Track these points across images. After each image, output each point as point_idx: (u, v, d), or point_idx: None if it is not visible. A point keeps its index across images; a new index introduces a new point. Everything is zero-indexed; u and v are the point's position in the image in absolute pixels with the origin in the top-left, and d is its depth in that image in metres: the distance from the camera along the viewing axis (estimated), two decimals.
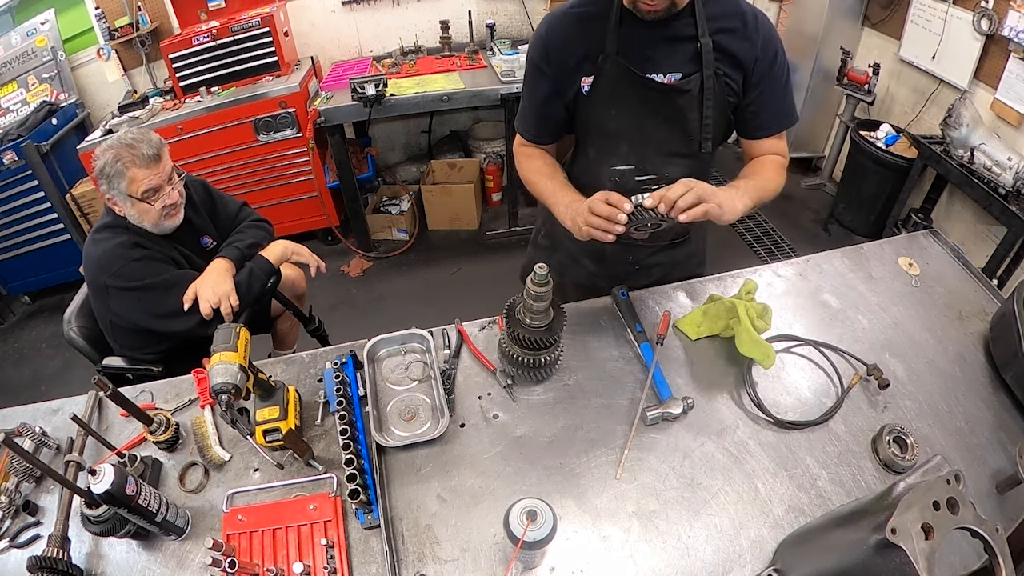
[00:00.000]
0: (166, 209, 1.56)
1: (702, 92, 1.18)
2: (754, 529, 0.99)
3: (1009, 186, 2.43)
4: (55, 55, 3.23)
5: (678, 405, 1.13)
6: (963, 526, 0.68)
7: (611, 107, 1.24)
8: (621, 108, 1.23)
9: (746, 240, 3.54)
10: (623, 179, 1.29)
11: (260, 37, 3.12)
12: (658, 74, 1.18)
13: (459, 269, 3.45)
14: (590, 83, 1.22)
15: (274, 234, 1.87)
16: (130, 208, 1.53)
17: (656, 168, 1.28)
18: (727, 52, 1.17)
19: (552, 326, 1.13)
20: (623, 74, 1.18)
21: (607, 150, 1.29)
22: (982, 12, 2.66)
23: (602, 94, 1.22)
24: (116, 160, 1.47)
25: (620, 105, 1.22)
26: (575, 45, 1.20)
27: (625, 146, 1.27)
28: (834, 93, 3.68)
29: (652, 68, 1.18)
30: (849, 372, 1.23)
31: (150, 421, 1.12)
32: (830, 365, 1.25)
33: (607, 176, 1.30)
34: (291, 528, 1.00)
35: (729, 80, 1.19)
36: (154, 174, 1.51)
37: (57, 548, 0.93)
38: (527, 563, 0.94)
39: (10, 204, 3.10)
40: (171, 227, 1.61)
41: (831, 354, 1.27)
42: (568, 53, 1.21)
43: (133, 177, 1.48)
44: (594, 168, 1.33)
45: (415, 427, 1.16)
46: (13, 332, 3.38)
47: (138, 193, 1.50)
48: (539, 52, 1.24)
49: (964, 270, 1.50)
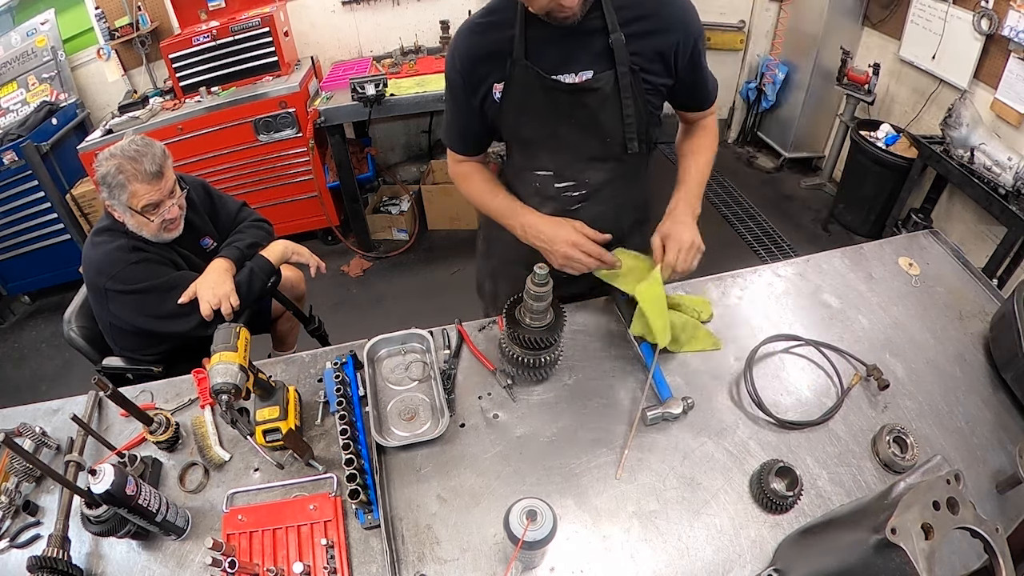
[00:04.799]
0: (165, 223, 1.56)
1: (618, 90, 1.13)
2: (754, 529, 0.99)
3: (1009, 186, 2.43)
4: (55, 55, 3.23)
5: (678, 405, 1.13)
6: (963, 526, 0.68)
7: (522, 114, 1.21)
8: (532, 114, 1.20)
9: (746, 240, 3.54)
10: (543, 185, 1.29)
11: (260, 37, 3.12)
12: (568, 74, 1.14)
13: (459, 269, 3.44)
14: (501, 90, 1.18)
15: (274, 234, 1.86)
16: (129, 219, 1.53)
17: (575, 174, 1.27)
18: (645, 46, 1.12)
19: (552, 326, 1.13)
20: (532, 78, 1.14)
21: (526, 156, 1.30)
22: (982, 12, 2.66)
23: (513, 101, 1.19)
24: (119, 172, 1.46)
25: (531, 111, 1.19)
26: (483, 55, 1.17)
27: (541, 153, 1.27)
28: (834, 93, 3.68)
29: (562, 68, 1.13)
30: (849, 372, 1.23)
31: (150, 421, 1.12)
32: (830, 365, 1.25)
33: (529, 182, 1.31)
34: (291, 528, 1.00)
35: (648, 75, 1.14)
36: (155, 189, 1.50)
37: (57, 548, 0.93)
38: (527, 563, 0.94)
39: (10, 204, 3.10)
40: (170, 238, 1.61)
41: (831, 354, 1.27)
42: (477, 63, 1.17)
43: (134, 192, 1.47)
44: (519, 173, 1.33)
45: (415, 427, 1.16)
46: (13, 332, 3.38)
47: (138, 207, 1.49)
48: (451, 65, 1.21)
49: (964, 270, 1.50)
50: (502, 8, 1.13)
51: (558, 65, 1.13)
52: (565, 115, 1.18)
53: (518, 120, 1.22)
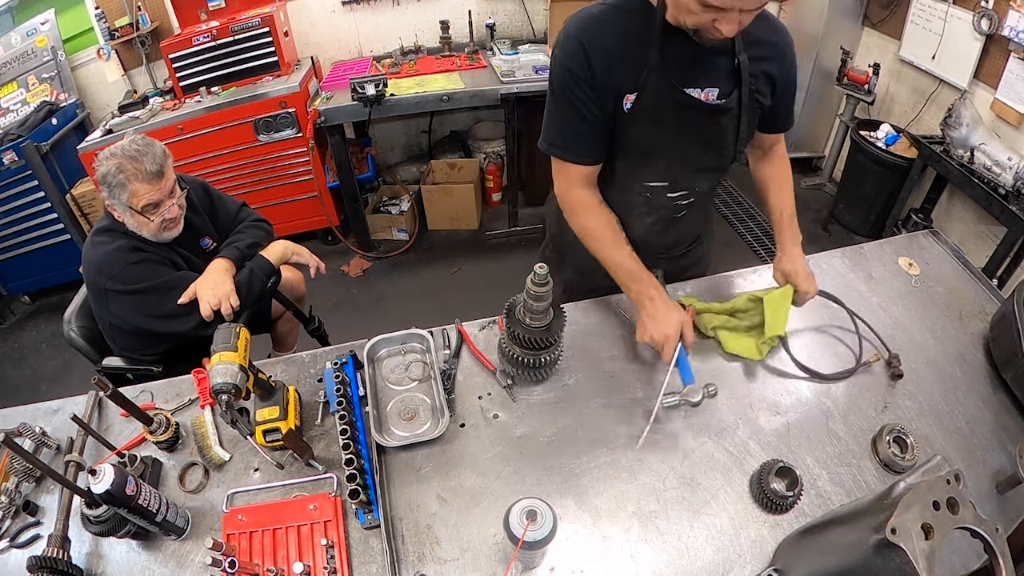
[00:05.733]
0: (165, 223, 1.56)
1: (740, 109, 1.17)
2: (754, 529, 0.99)
3: (1009, 186, 2.43)
4: (55, 55, 3.23)
5: (698, 393, 1.13)
6: (963, 526, 0.68)
7: (653, 125, 1.16)
8: (663, 126, 1.16)
9: (746, 240, 3.54)
10: (654, 195, 1.27)
11: (260, 37, 3.11)
12: (696, 88, 1.13)
13: (459, 269, 3.44)
14: (633, 100, 1.12)
15: (274, 234, 1.86)
16: (129, 218, 1.53)
17: (687, 184, 1.27)
18: (761, 70, 1.16)
19: (552, 326, 1.13)
20: (666, 90, 1.11)
21: (641, 166, 1.24)
22: (982, 12, 2.66)
23: (645, 111, 1.13)
24: (119, 171, 1.46)
25: (662, 123, 1.15)
26: (617, 57, 1.10)
27: (662, 163, 1.22)
28: (834, 93, 3.68)
29: (691, 82, 1.13)
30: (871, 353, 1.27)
31: (150, 421, 1.12)
32: (856, 339, 1.30)
33: (638, 192, 1.27)
34: (291, 528, 1.00)
35: (760, 96, 1.19)
36: (156, 189, 1.50)
37: (57, 548, 0.93)
38: (527, 563, 0.94)
39: (10, 204, 3.09)
40: (170, 238, 1.61)
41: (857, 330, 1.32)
42: (612, 65, 1.10)
43: (134, 191, 1.47)
44: (623, 183, 1.27)
45: (415, 427, 1.16)
46: (13, 332, 3.38)
47: (138, 207, 1.50)
48: (579, 62, 1.10)
49: (964, 270, 1.50)
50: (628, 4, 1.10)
51: (688, 79, 1.13)
52: (694, 129, 1.18)
53: (647, 130, 1.17)
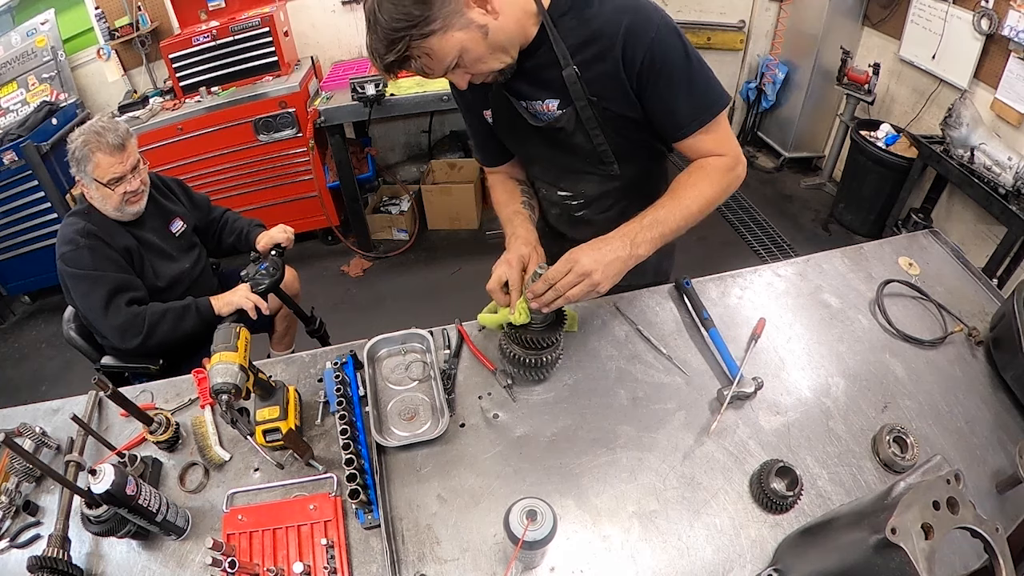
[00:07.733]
0: (127, 195, 1.66)
1: (578, 121, 1.12)
2: (754, 529, 0.99)
3: (1009, 186, 2.44)
4: (55, 55, 3.23)
5: (750, 384, 1.15)
6: (963, 526, 0.68)
7: (509, 136, 1.29)
8: (518, 137, 1.27)
9: (746, 240, 3.54)
10: (548, 192, 1.41)
11: (260, 37, 3.12)
12: (536, 100, 1.15)
13: (459, 269, 3.45)
14: (490, 115, 1.25)
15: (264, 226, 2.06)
16: (94, 191, 1.64)
17: (570, 186, 1.35)
18: (598, 72, 1.05)
19: (552, 326, 1.14)
20: (508, 105, 1.19)
21: (528, 167, 1.40)
22: (982, 12, 2.66)
23: (501, 124, 1.25)
24: (84, 144, 1.59)
25: (517, 134, 1.26)
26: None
27: (537, 167, 1.38)
28: (834, 93, 3.69)
29: (529, 95, 1.15)
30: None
31: (150, 421, 1.12)
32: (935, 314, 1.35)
33: (539, 189, 1.43)
34: (291, 528, 1.00)
35: (608, 104, 1.09)
36: (118, 162, 1.61)
37: (57, 548, 0.93)
38: (527, 563, 0.94)
39: (10, 204, 3.10)
40: (132, 213, 1.71)
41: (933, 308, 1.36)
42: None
43: (98, 162, 1.59)
44: (533, 181, 1.43)
45: (415, 427, 1.16)
46: (13, 332, 3.38)
47: (104, 179, 1.60)
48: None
49: (964, 270, 1.50)
50: None
51: (525, 93, 1.15)
52: (544, 140, 1.22)
53: (509, 140, 1.31)
